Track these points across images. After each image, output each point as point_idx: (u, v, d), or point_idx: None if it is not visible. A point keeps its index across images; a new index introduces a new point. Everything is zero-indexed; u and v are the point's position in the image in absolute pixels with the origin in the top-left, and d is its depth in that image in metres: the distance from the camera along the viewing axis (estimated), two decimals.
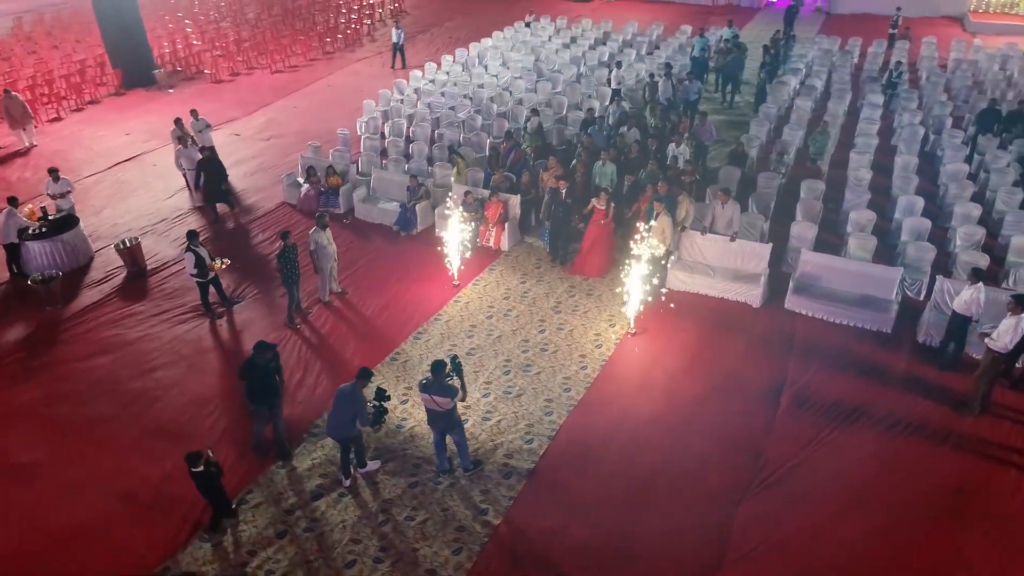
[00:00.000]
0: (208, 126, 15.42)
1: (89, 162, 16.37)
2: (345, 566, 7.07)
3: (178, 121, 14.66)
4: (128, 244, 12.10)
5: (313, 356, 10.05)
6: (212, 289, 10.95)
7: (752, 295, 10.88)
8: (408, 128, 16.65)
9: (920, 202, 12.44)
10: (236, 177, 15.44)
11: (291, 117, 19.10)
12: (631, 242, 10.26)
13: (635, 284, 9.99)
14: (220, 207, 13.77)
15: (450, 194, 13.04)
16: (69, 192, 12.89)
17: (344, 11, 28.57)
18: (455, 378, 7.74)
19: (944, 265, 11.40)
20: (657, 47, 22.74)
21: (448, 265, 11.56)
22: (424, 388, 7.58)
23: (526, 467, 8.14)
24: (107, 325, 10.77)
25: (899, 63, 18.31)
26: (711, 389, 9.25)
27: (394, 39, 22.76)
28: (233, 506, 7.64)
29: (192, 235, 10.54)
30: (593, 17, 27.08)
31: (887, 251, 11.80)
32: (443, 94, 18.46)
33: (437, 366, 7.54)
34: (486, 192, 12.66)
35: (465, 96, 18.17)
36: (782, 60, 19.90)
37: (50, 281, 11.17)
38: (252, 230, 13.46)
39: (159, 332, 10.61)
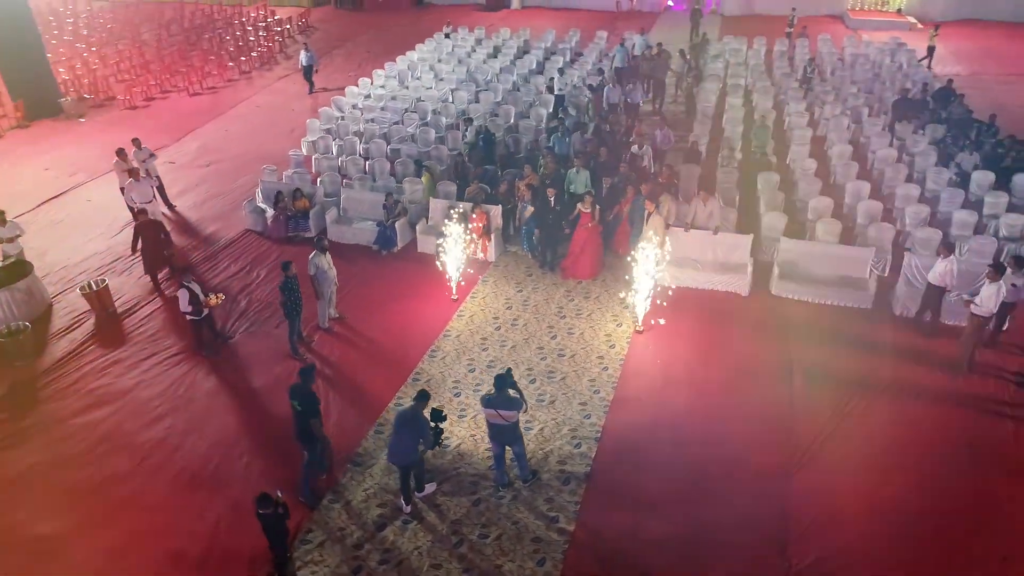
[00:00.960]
0: (152, 155, 14.55)
1: (11, 202, 15.00)
2: None
3: (121, 152, 13.75)
4: (95, 287, 11.28)
5: (331, 385, 9.76)
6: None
7: (740, 284, 11.51)
8: (360, 145, 16.36)
9: (867, 186, 13.58)
10: (185, 207, 14.67)
11: (226, 141, 18.30)
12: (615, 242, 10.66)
13: (642, 283, 10.37)
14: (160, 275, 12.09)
15: (430, 210, 13.06)
16: (19, 236, 11.86)
17: (251, 28, 27.58)
18: (512, 390, 7.79)
19: (897, 242, 12.48)
20: (580, 54, 23.42)
21: (448, 280, 11.52)
22: (489, 403, 7.58)
23: (582, 471, 8.29)
24: (94, 375, 10.01)
25: (811, 60, 19.81)
26: (730, 375, 9.74)
27: (304, 62, 21.49)
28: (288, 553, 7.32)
29: (185, 270, 9.99)
30: (505, 25, 27.55)
31: (845, 234, 12.77)
32: (383, 108, 18.26)
33: (500, 380, 7.57)
34: (469, 205, 12.68)
35: (407, 110, 18.06)
36: (704, 63, 20.97)
37: (19, 334, 10.26)
38: (221, 262, 12.84)
39: (154, 377, 9.97)
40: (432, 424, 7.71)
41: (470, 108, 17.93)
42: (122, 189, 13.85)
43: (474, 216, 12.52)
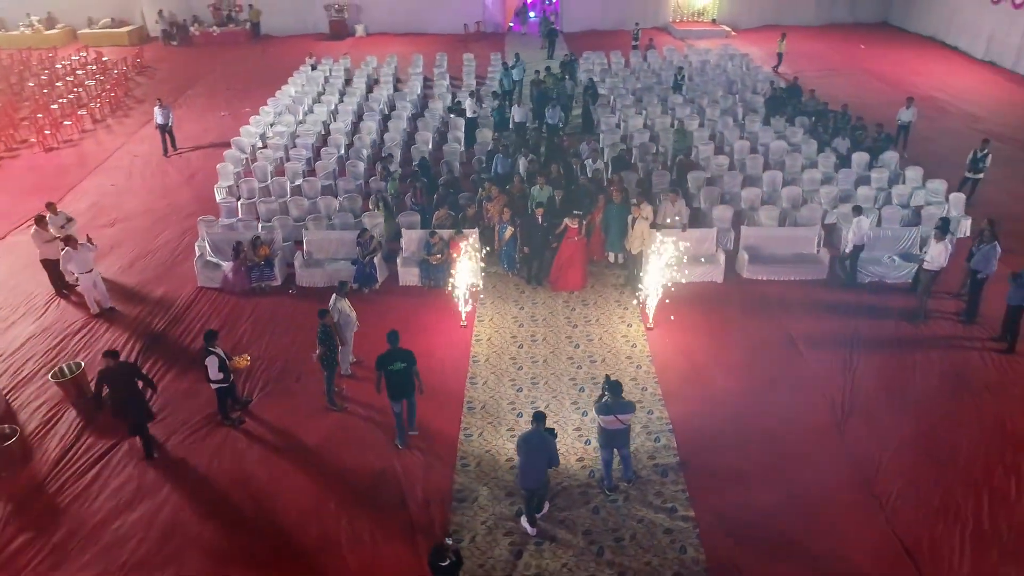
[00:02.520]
0: (70, 220, 12.97)
1: None
2: None
3: (42, 220, 12.15)
4: (70, 372, 9.94)
5: (389, 432, 9.43)
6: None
7: (715, 273, 12.67)
8: (289, 184, 15.63)
9: (779, 175, 15.44)
10: (112, 272, 13.19)
11: (119, 196, 16.57)
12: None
13: (652, 284, 11.13)
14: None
15: (404, 240, 12.94)
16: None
17: (82, 72, 24.92)
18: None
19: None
20: (456, 78, 23.90)
21: (456, 307, 11.52)
22: (608, 410, 7.89)
23: (673, 461, 8.83)
24: (112, 470, 8.86)
25: (680, 68, 21.89)
26: (745, 353, 10.77)
27: (159, 120, 18.53)
28: None
29: (211, 335, 9.17)
30: (352, 53, 27.48)
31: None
32: (295, 145, 17.59)
33: (615, 387, 7.92)
34: (451, 231, 12.72)
35: (313, 145, 17.53)
36: (581, 79, 22.29)
37: (9, 439, 8.82)
38: (192, 325, 11.78)
39: (187, 458, 9.04)
40: None
41: (387, 138, 17.79)
42: (44, 262, 12.23)
43: (455, 242, 12.59)
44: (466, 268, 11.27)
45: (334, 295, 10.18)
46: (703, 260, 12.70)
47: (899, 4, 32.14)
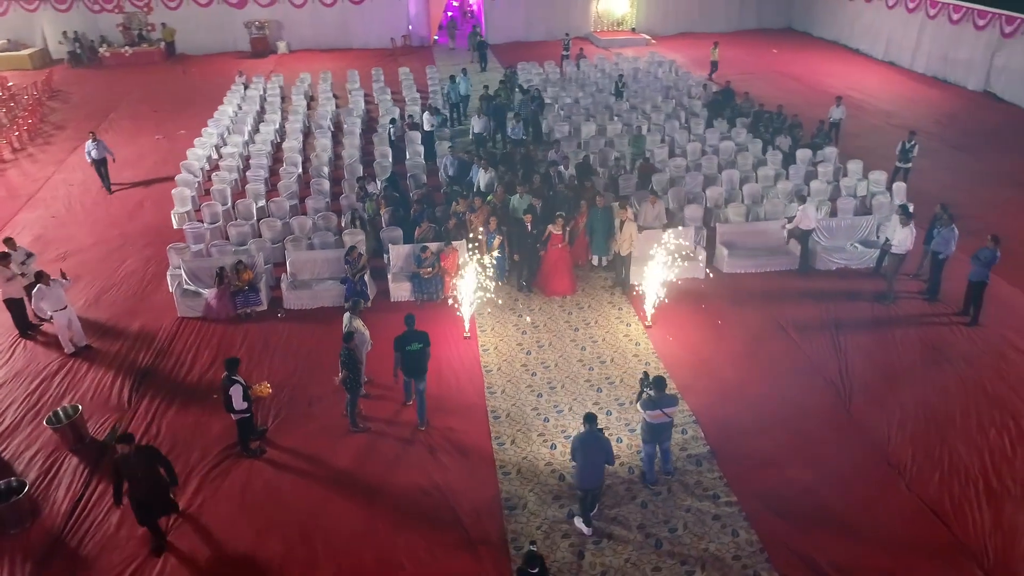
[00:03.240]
0: (30, 255, 12.10)
1: None
2: None
3: (4, 257, 11.27)
4: (66, 416, 9.31)
5: (424, 446, 9.36)
6: None
7: (697, 269, 13.21)
8: (255, 206, 15.13)
9: (737, 174, 16.23)
10: (80, 308, 12.36)
11: (64, 228, 15.57)
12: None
13: (651, 285, 11.50)
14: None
15: (391, 256, 12.82)
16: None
17: None
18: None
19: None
20: (396, 93, 23.77)
21: (460, 319, 11.54)
22: (654, 405, 8.12)
23: (704, 450, 9.17)
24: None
25: (621, 75, 22.61)
26: (745, 343, 11.29)
27: (94, 155, 16.88)
28: None
29: (233, 363, 8.82)
30: (278, 70, 27.01)
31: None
32: (249, 166, 17.06)
33: (659, 381, 8.17)
34: (439, 244, 12.70)
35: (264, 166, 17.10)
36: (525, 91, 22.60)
37: (11, 495, 8.16)
38: (183, 357, 11.24)
39: (218, 497, 8.63)
40: None
41: (345, 155, 17.53)
42: (7, 301, 11.38)
43: (446, 255, 12.60)
44: (472, 279, 11.28)
45: (347, 314, 10.00)
46: (682, 258, 13.21)
47: (801, 11, 34.31)
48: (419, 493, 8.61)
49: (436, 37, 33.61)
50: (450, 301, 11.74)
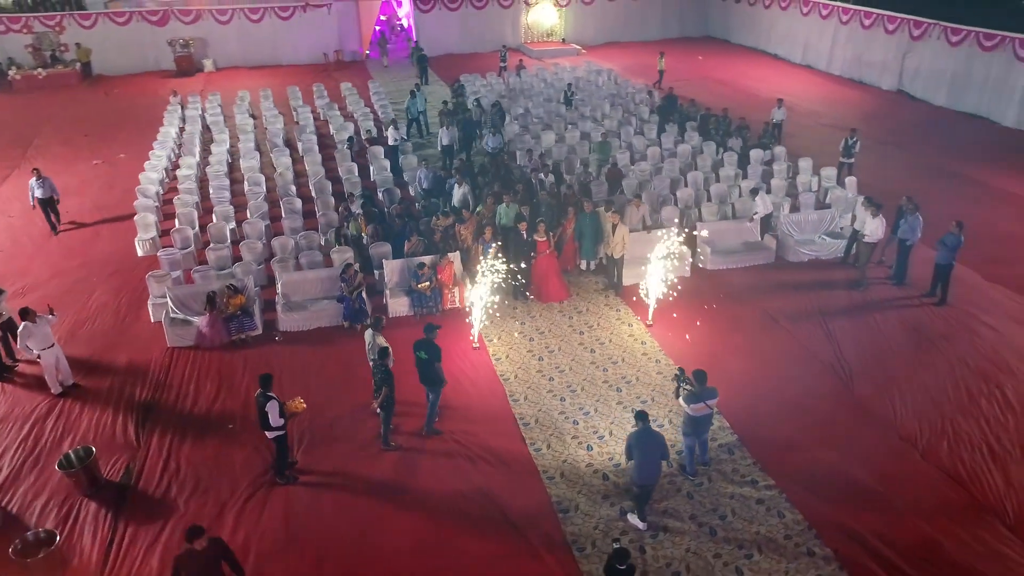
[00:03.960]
0: (1, 292, 11.27)
1: None
2: (731, 573, 7.68)
3: None
4: (79, 459, 8.74)
5: (462, 457, 9.31)
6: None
7: (683, 268, 13.68)
8: (227, 228, 14.60)
9: (701, 176, 16.91)
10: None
11: (14, 262, 14.53)
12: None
13: (652, 286, 11.86)
14: None
15: (386, 272, 12.69)
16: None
17: None
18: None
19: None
20: (343, 108, 23.46)
21: (468, 332, 11.54)
22: (697, 398, 8.40)
23: (733, 439, 9.54)
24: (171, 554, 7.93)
25: (570, 84, 23.10)
26: (744, 336, 11.79)
27: (38, 193, 15.43)
28: None
29: (267, 380, 8.55)
30: (208, 89, 26.29)
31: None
32: (208, 188, 16.46)
33: (700, 374, 8.47)
34: (434, 257, 12.65)
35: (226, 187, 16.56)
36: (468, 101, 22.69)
37: (48, 544, 7.61)
38: (184, 389, 10.74)
39: (260, 527, 8.30)
40: None
41: (311, 173, 17.16)
42: None
43: (442, 267, 12.57)
44: (482, 293, 11.29)
45: (370, 331, 9.85)
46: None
47: (718, 19, 35.99)
48: (467, 503, 8.59)
49: (368, 52, 33.30)
50: (467, 308, 11.71)
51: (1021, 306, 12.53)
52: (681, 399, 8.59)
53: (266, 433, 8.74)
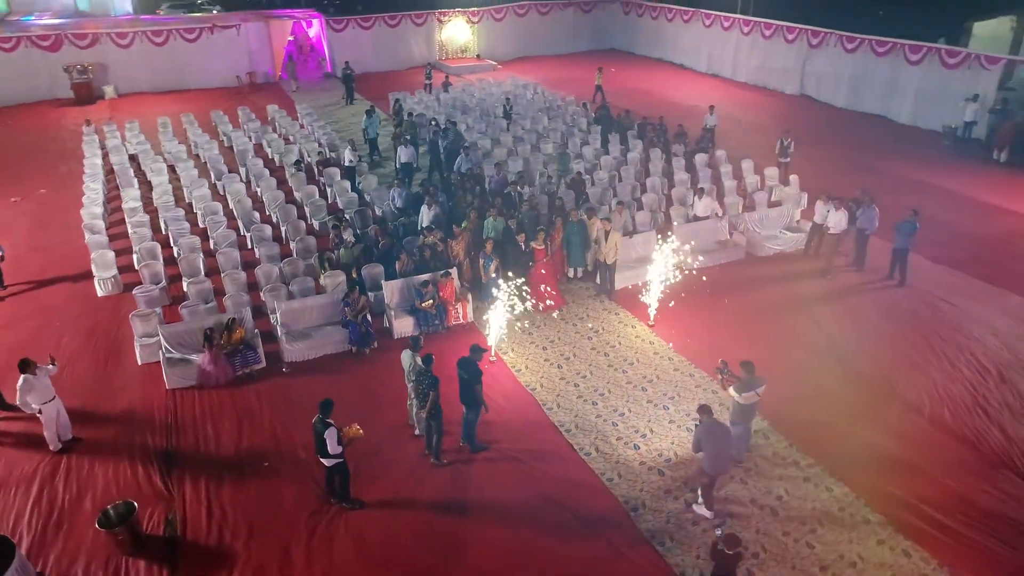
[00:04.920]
0: None
1: None
2: (803, 547, 8.17)
3: None
4: (118, 516, 8.10)
5: (516, 466, 9.37)
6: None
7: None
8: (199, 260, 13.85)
9: (658, 179, 17.67)
10: None
11: None
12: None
13: (653, 290, 12.34)
14: None
15: (385, 293, 12.52)
16: None
17: None
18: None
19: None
20: (277, 129, 22.76)
21: (488, 344, 11.57)
22: (749, 387, 8.87)
23: (766, 425, 10.08)
24: None
25: (508, 99, 23.46)
26: (740, 328, 12.42)
27: None
28: None
29: (327, 406, 8.30)
30: (117, 117, 24.86)
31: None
32: (166, 219, 15.57)
33: (749, 365, 8.96)
34: (434, 275, 12.57)
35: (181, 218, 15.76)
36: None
37: None
38: (201, 429, 10.14)
39: (335, 564, 8.01)
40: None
41: (268, 198, 16.57)
42: None
43: (444, 284, 12.53)
44: (502, 308, 11.35)
45: (408, 352, 9.69)
46: (648, 260, 14.25)
47: (623, 33, 37.50)
48: (538, 511, 8.67)
49: (281, 75, 32.34)
50: (476, 323, 11.71)
51: (966, 282, 13.94)
52: (732, 389, 9.03)
53: (323, 460, 8.47)
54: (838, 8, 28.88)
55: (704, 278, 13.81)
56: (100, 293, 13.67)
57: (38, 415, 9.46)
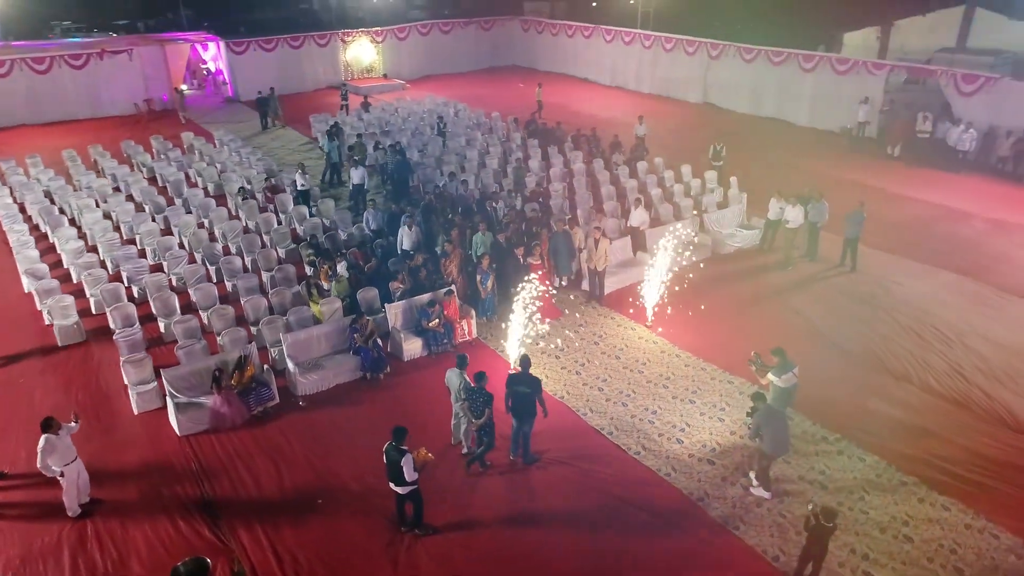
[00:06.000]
0: None
1: None
2: (859, 514, 8.85)
3: None
4: (192, 572, 7.47)
5: (574, 472, 9.51)
6: None
7: (641, 272, 14.86)
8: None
9: (613, 188, 18.35)
10: (27, 463, 9.63)
11: None
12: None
13: (651, 292, 12.87)
14: None
15: (388, 316, 12.32)
16: None
17: None
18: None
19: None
20: (203, 158, 21.62)
21: (506, 357, 11.62)
22: (786, 369, 9.50)
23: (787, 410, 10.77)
24: None
25: (440, 117, 23.49)
26: (738, 321, 13.16)
27: None
28: None
29: (401, 433, 8.10)
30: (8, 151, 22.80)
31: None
32: (116, 261, 14.44)
33: (780, 351, 9.62)
34: (439, 294, 12.48)
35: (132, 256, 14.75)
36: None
37: None
38: (236, 476, 9.53)
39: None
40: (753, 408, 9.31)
41: (225, 228, 15.74)
42: None
43: (448, 303, 12.48)
44: (520, 323, 11.45)
45: (456, 370, 9.61)
46: (627, 264, 14.87)
47: (523, 50, 38.41)
48: (612, 511, 8.88)
49: (162, 98, 30.61)
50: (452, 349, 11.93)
51: (903, 264, 15.47)
52: (771, 375, 9.63)
53: (397, 488, 8.28)
54: (729, 25, 31.16)
55: (690, 275, 14.46)
56: (61, 343, 12.49)
57: (59, 479, 8.55)
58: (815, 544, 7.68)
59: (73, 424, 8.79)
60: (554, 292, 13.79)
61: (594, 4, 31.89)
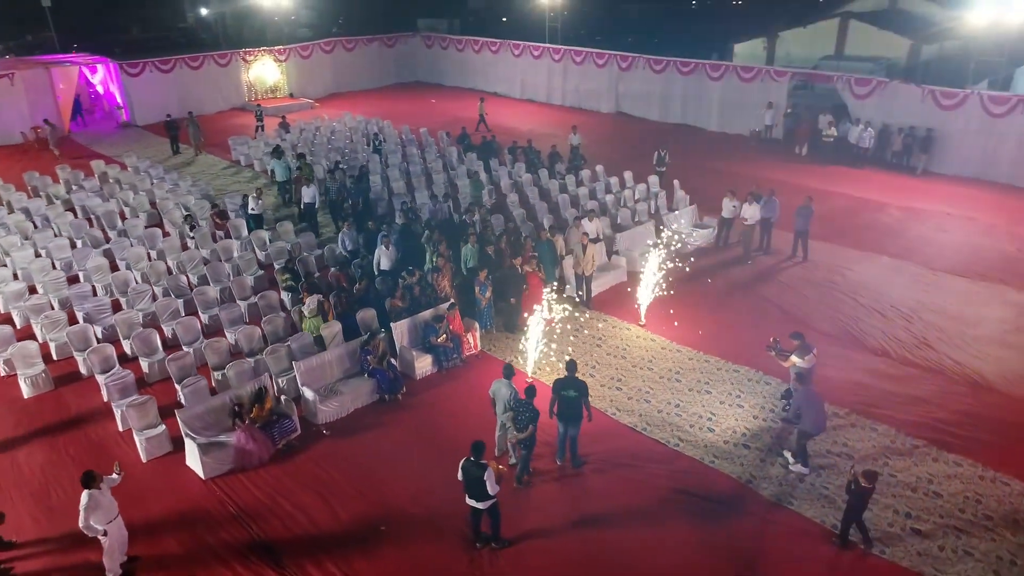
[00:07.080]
0: None
1: None
2: (888, 477, 9.63)
3: None
4: None
5: (622, 469, 9.73)
6: None
7: (621, 274, 15.39)
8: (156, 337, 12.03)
9: (567, 198, 18.79)
10: (39, 529, 8.69)
11: None
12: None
13: (645, 294, 13.35)
14: None
15: (394, 335, 12.10)
16: None
17: None
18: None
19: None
20: (122, 187, 20.15)
21: (523, 367, 11.69)
22: (807, 351, 10.16)
23: (786, 387, 11.48)
24: None
25: (377, 134, 23.09)
26: (728, 316, 13.83)
27: None
28: None
29: (480, 448, 8.01)
30: None
31: None
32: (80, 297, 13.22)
33: (798, 335, 10.30)
34: (443, 308, 12.35)
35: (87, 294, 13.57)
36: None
37: None
38: (281, 514, 9.00)
39: None
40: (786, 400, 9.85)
41: (184, 258, 14.78)
42: None
43: (452, 318, 12.38)
44: (537, 334, 11.53)
45: (505, 380, 9.58)
46: (609, 267, 15.32)
47: (427, 66, 38.36)
48: (674, 505, 9.17)
49: (69, 130, 28.34)
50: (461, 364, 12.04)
51: (845, 252, 16.83)
52: (794, 356, 10.28)
53: (476, 504, 8.21)
54: (636, 36, 32.64)
55: (664, 275, 15.01)
56: (28, 394, 11.31)
57: (101, 538, 7.77)
58: (855, 506, 8.28)
59: (115, 476, 8.04)
60: (554, 298, 13.95)
61: (504, 20, 32.51)
